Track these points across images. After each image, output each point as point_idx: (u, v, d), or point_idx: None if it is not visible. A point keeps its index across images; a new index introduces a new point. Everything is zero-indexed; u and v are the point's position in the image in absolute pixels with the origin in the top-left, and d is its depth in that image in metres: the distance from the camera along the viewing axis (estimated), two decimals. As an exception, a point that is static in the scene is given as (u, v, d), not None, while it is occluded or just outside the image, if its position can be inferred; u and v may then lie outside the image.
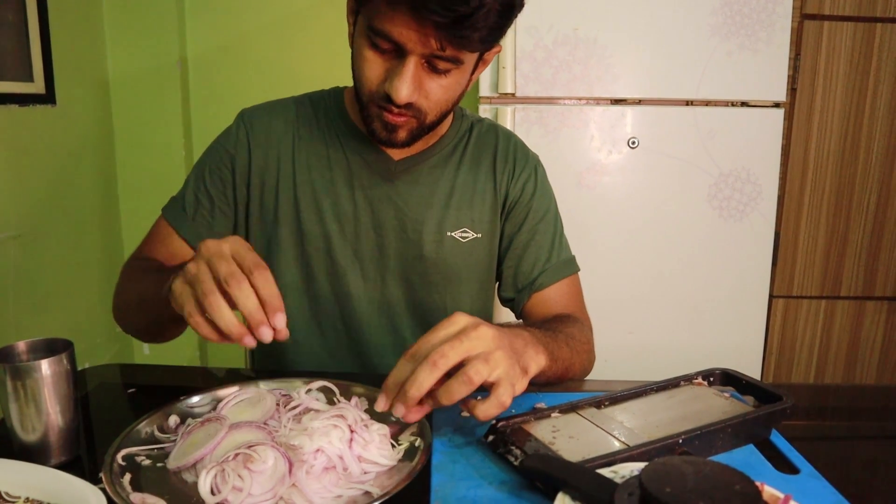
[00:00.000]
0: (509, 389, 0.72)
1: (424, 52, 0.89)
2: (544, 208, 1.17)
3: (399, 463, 0.72)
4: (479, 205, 1.14)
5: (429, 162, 1.12)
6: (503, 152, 1.17)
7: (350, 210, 1.10)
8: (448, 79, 0.94)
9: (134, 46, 2.28)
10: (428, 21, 0.83)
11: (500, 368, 0.71)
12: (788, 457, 0.75)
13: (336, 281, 1.12)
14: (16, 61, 1.86)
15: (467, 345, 0.70)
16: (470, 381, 0.69)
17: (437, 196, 1.12)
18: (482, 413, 0.72)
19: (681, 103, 1.85)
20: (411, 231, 1.11)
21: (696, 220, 1.90)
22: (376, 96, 0.94)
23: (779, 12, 1.80)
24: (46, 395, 0.73)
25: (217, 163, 1.12)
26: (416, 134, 1.00)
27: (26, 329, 1.90)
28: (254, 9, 2.31)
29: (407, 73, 0.90)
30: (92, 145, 2.22)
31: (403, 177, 1.11)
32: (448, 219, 1.12)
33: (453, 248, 1.12)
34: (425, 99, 0.95)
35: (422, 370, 0.68)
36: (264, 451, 0.67)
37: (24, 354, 0.78)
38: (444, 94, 0.96)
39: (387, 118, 0.96)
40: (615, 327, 1.93)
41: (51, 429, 0.73)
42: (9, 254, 1.85)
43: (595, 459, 0.67)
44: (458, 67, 0.93)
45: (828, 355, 2.06)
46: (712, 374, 0.90)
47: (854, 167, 1.96)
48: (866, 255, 2.00)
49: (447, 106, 0.99)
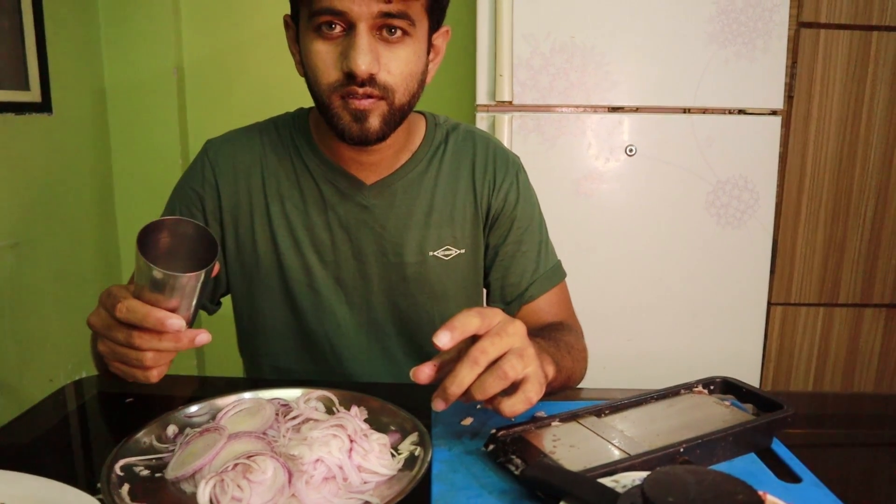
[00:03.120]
0: (537, 387, 0.73)
1: (372, 13, 0.86)
2: (528, 216, 1.14)
3: (399, 472, 0.72)
4: (459, 220, 1.10)
5: (403, 181, 1.08)
6: (482, 162, 1.12)
7: (327, 239, 1.07)
8: (405, 48, 0.91)
9: (130, 55, 2.28)
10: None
11: (531, 365, 0.72)
12: (790, 465, 0.75)
13: (322, 312, 1.09)
14: (12, 70, 1.86)
15: (507, 341, 0.71)
16: (505, 375, 0.70)
17: (415, 217, 1.08)
18: (509, 409, 0.72)
19: (678, 111, 1.86)
20: (392, 255, 1.08)
21: (693, 228, 1.90)
22: (336, 84, 0.91)
23: (775, 20, 1.81)
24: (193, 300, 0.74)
25: (186, 203, 1.08)
26: (389, 120, 0.94)
27: (23, 336, 1.90)
28: (250, 17, 2.32)
29: (362, 42, 0.87)
30: (88, 153, 2.22)
31: (377, 201, 1.07)
32: (429, 238, 1.09)
33: (437, 268, 1.10)
34: (388, 73, 0.91)
35: (463, 367, 0.69)
36: (264, 462, 0.67)
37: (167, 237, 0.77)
38: (405, 66, 0.92)
39: (354, 105, 0.91)
40: (613, 335, 1.93)
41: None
42: (6, 262, 1.84)
43: (596, 469, 0.67)
44: (410, 32, 0.91)
45: (826, 363, 2.06)
46: (712, 382, 0.90)
47: (851, 174, 1.96)
48: (864, 262, 2.01)
49: (413, 84, 0.95)
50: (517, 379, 0.71)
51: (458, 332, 0.70)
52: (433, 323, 1.11)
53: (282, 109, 1.16)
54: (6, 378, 1.85)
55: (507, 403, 0.72)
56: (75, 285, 2.14)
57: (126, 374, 0.77)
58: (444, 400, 0.71)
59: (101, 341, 0.77)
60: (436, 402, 0.71)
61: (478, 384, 0.70)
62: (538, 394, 0.73)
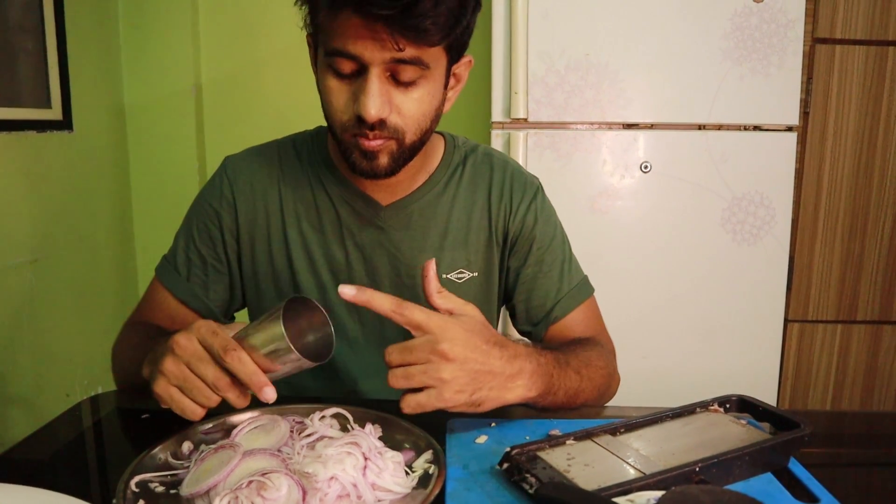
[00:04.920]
0: (434, 400, 0.78)
1: (384, 59, 0.85)
2: (549, 236, 1.13)
3: (413, 490, 0.72)
4: (473, 243, 1.10)
5: (419, 203, 1.08)
6: (499, 185, 1.12)
7: (342, 259, 1.08)
8: (418, 90, 0.90)
9: (149, 73, 2.31)
10: (376, 19, 0.81)
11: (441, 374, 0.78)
12: (807, 485, 0.74)
13: (335, 330, 1.10)
14: (34, 88, 1.89)
15: (432, 369, 0.78)
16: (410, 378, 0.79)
17: (430, 239, 1.08)
18: (404, 403, 0.79)
19: (693, 127, 1.86)
20: (406, 276, 1.09)
21: (709, 245, 1.89)
22: (348, 124, 0.91)
23: (790, 36, 1.81)
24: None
25: (204, 220, 1.10)
26: (398, 157, 0.95)
27: (40, 351, 1.91)
28: (267, 35, 2.34)
29: (372, 88, 0.87)
30: (108, 171, 2.24)
31: (393, 222, 1.07)
32: (443, 261, 1.09)
33: (450, 290, 1.09)
34: (398, 115, 0.91)
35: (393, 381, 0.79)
36: (278, 479, 0.67)
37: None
38: (417, 107, 0.91)
39: (364, 145, 0.91)
40: (629, 352, 1.91)
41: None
42: (25, 278, 1.86)
43: (611, 488, 0.67)
44: (424, 74, 0.89)
45: (844, 380, 2.03)
46: (728, 400, 0.89)
47: (868, 190, 1.95)
48: (882, 278, 1.99)
49: (425, 123, 0.94)
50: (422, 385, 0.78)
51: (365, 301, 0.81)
52: None
53: (299, 127, 1.16)
54: (23, 393, 1.87)
55: (406, 399, 0.79)
56: (93, 301, 2.16)
57: (176, 403, 0.78)
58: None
59: (174, 362, 0.77)
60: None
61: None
62: (441, 401, 0.78)
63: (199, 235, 1.10)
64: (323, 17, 0.87)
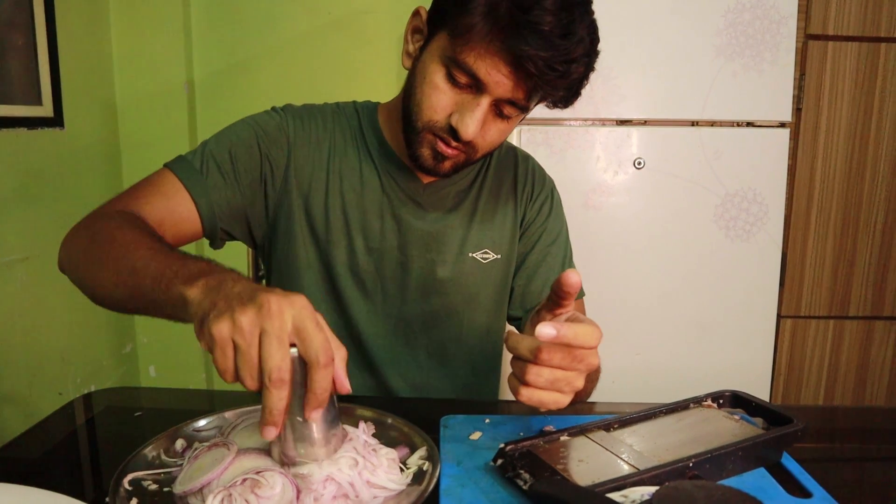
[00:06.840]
0: (560, 404, 0.72)
1: (504, 97, 0.90)
2: (557, 230, 1.19)
3: (407, 487, 0.72)
4: (499, 225, 1.15)
5: (455, 186, 1.13)
6: (522, 173, 1.19)
7: (377, 226, 1.09)
8: (509, 124, 0.97)
9: (141, 70, 2.29)
10: (528, 75, 0.85)
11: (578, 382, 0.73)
12: (800, 480, 0.74)
13: (357, 295, 1.11)
14: (24, 85, 1.87)
15: (575, 378, 0.71)
16: (559, 388, 0.71)
17: (460, 218, 1.13)
18: (527, 396, 0.72)
19: (686, 124, 1.86)
20: (434, 251, 1.11)
21: (702, 241, 1.90)
22: (437, 126, 0.95)
23: (783, 33, 1.81)
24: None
25: (253, 134, 1.04)
26: (461, 166, 1.01)
27: (32, 349, 1.90)
28: (260, 32, 2.33)
29: (479, 113, 0.91)
30: (99, 168, 2.23)
31: (432, 200, 1.11)
32: (470, 240, 1.12)
33: (473, 269, 1.13)
34: (482, 139, 0.96)
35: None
36: (272, 477, 0.67)
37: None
38: (499, 136, 0.98)
39: (440, 148, 0.96)
40: (622, 348, 1.92)
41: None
42: (16, 275, 1.85)
43: (605, 483, 0.67)
44: (520, 114, 0.95)
45: (837, 376, 2.04)
46: (722, 396, 0.89)
47: (861, 186, 1.95)
48: (874, 274, 2.00)
49: (496, 147, 1.02)
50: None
51: (562, 336, 0.68)
52: (461, 326, 1.15)
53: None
54: (16, 391, 1.86)
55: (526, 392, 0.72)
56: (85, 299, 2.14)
57: (221, 359, 0.61)
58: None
59: (252, 322, 0.60)
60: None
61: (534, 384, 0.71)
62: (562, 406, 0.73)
63: (237, 141, 1.03)
64: (472, 32, 0.87)
